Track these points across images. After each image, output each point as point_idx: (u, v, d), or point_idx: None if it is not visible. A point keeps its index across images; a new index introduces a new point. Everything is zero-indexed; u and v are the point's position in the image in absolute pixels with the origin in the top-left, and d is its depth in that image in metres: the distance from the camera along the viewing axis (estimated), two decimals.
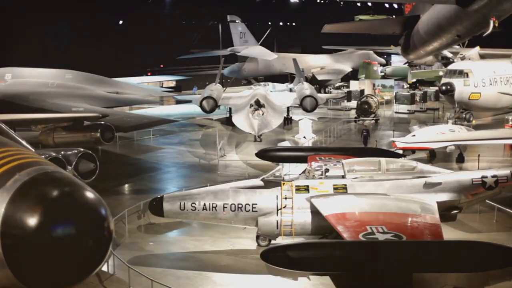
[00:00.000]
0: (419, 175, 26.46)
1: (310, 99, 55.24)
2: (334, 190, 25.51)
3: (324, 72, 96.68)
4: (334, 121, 64.23)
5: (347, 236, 21.70)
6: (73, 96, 53.07)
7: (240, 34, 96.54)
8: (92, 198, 9.76)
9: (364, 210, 23.77)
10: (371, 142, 50.79)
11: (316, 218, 24.72)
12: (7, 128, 19.32)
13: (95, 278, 23.04)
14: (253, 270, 24.28)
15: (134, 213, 31.67)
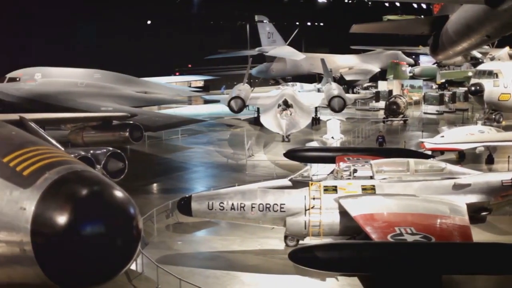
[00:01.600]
0: (448, 176, 26.25)
1: (338, 99, 55.03)
2: (363, 190, 25.40)
3: (352, 72, 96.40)
4: (362, 121, 64.04)
5: (376, 237, 21.60)
6: (102, 96, 53.41)
7: (268, 34, 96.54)
8: (121, 197, 9.77)
9: (392, 211, 23.64)
10: (400, 143, 50.50)
11: (344, 219, 24.61)
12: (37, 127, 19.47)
13: (124, 277, 23.16)
14: (281, 270, 24.24)
15: (163, 212, 31.78)
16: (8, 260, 9.74)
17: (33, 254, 9.38)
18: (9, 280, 10.11)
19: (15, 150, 10.61)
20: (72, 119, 39.62)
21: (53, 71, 57.87)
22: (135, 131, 38.10)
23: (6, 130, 11.82)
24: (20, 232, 9.46)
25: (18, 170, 10.08)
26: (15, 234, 9.52)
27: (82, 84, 56.01)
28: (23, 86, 55.48)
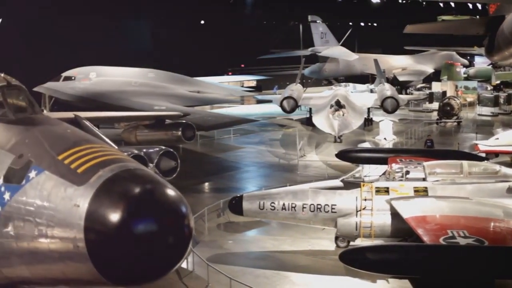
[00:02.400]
0: (503, 179, 25.83)
1: (391, 100, 54.63)
2: (415, 192, 25.16)
3: (406, 73, 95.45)
4: (415, 122, 63.43)
5: (427, 239, 21.36)
6: (156, 95, 53.84)
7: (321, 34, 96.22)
8: (173, 195, 9.84)
9: (445, 214, 23.37)
10: (454, 144, 49.91)
11: (396, 221, 24.40)
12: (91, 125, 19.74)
13: (175, 275, 23.31)
14: (331, 271, 24.15)
15: (214, 211, 31.92)
16: (62, 256, 9.89)
17: (86, 251, 9.51)
18: (63, 276, 10.27)
19: (69, 148, 10.77)
20: (126, 117, 40.05)
21: (107, 70, 58.52)
22: (188, 130, 38.30)
23: (61, 128, 11.99)
24: (74, 229, 9.60)
25: (73, 168, 10.22)
26: (69, 231, 9.67)
27: (136, 83, 56.53)
28: (78, 85, 56.22)
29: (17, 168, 10.69)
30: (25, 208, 10.27)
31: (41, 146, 10.99)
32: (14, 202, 10.42)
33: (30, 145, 11.11)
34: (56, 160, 10.48)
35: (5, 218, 10.49)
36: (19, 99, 12.86)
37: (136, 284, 10.00)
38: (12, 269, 10.81)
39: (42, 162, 10.52)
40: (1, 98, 12.47)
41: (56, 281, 10.62)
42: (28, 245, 10.26)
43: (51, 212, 9.93)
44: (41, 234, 10.03)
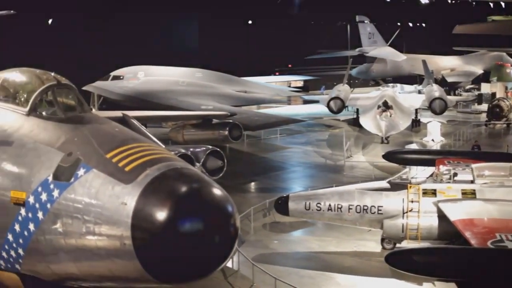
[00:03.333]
0: None
1: (439, 101, 54.10)
2: (463, 195, 24.85)
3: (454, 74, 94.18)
4: (464, 124, 62.66)
5: (475, 242, 21.11)
6: (203, 95, 54.04)
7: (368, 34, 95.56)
8: (220, 195, 9.90)
9: (493, 217, 23.05)
10: (503, 147, 49.22)
11: (443, 223, 24.15)
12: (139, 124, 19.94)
13: (220, 274, 23.36)
14: (377, 273, 24.01)
15: (260, 211, 31.93)
16: (108, 254, 10.00)
17: (133, 248, 9.61)
18: (110, 273, 10.38)
19: (118, 146, 10.90)
20: (173, 117, 40.28)
21: (155, 70, 58.88)
22: (235, 130, 38.35)
23: (109, 127, 12.13)
24: (121, 227, 9.71)
25: (120, 166, 10.34)
26: (116, 228, 9.78)
27: (183, 82, 56.79)
28: (127, 84, 56.70)
29: (66, 166, 10.83)
30: (73, 205, 10.41)
31: (89, 144, 11.13)
32: (62, 200, 10.56)
33: (79, 143, 11.26)
34: (104, 159, 10.60)
35: (54, 215, 10.64)
36: (69, 98, 13.03)
37: (182, 282, 10.07)
38: (60, 265, 10.96)
39: (90, 160, 10.66)
40: (51, 97, 12.66)
41: (102, 278, 10.75)
42: (76, 242, 10.40)
43: (99, 209, 10.06)
44: (89, 231, 10.16)
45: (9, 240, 11.52)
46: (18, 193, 11.34)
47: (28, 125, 12.29)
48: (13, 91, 13.54)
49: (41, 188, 10.95)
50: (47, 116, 12.40)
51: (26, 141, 11.87)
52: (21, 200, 11.24)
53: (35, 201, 10.98)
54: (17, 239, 11.35)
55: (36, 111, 12.59)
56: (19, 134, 12.14)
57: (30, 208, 11.06)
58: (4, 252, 11.77)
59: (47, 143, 11.53)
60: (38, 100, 12.68)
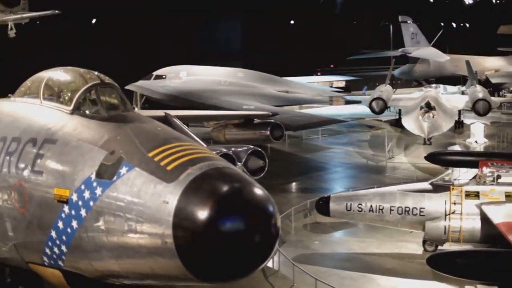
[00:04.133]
0: None
1: (483, 102, 53.49)
2: (506, 197, 24.54)
3: (499, 75, 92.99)
4: (508, 126, 61.84)
5: None
6: (245, 94, 54.16)
7: (411, 35, 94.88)
8: (261, 194, 9.90)
9: None
10: None
11: (486, 226, 23.87)
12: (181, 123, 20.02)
13: (260, 274, 23.40)
14: (418, 275, 23.83)
15: (301, 212, 31.90)
16: (150, 252, 10.06)
17: (174, 247, 9.65)
18: (151, 271, 10.45)
19: (160, 145, 10.96)
20: (215, 116, 40.37)
21: (197, 70, 59.16)
22: (276, 130, 38.24)
23: (151, 126, 12.20)
24: (163, 225, 9.76)
25: (162, 165, 10.39)
26: (158, 227, 9.83)
27: (225, 82, 56.97)
28: (169, 83, 57.06)
29: (108, 164, 10.93)
30: (115, 203, 10.49)
31: (132, 143, 11.21)
32: (105, 197, 10.65)
33: (122, 142, 11.34)
34: (147, 157, 10.67)
35: (97, 212, 10.74)
36: (112, 97, 13.14)
37: (222, 282, 10.09)
38: (102, 262, 11.05)
39: (133, 159, 10.73)
40: (95, 96, 12.78)
41: (144, 276, 10.82)
42: (117, 240, 10.48)
43: (141, 208, 10.12)
44: (131, 229, 10.24)
45: (52, 237, 11.65)
46: (61, 191, 11.48)
47: (72, 123, 12.42)
48: (57, 90, 13.71)
49: (84, 186, 11.07)
50: (90, 114, 12.53)
51: (70, 140, 12.00)
52: (64, 197, 11.37)
53: (78, 199, 11.09)
54: (60, 236, 11.48)
55: (79, 109, 12.72)
56: (63, 132, 12.28)
57: (73, 205, 11.18)
58: (47, 249, 11.91)
59: (90, 141, 11.65)
60: (81, 99, 12.82)
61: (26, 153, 12.58)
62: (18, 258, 13.28)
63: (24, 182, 12.37)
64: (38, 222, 12.03)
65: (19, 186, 12.47)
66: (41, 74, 14.40)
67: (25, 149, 12.66)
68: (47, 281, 13.23)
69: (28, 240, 12.59)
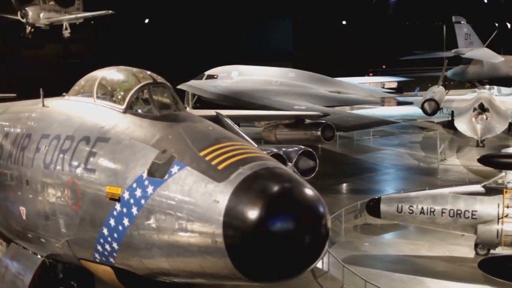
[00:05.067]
0: None
1: None
2: None
3: None
4: None
5: None
6: (296, 95, 54.08)
7: (465, 35, 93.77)
8: (311, 195, 9.86)
9: None
10: None
11: None
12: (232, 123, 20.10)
13: (310, 274, 23.39)
14: (469, 279, 23.54)
15: (351, 213, 31.81)
16: (200, 250, 10.10)
17: (224, 246, 9.68)
18: (200, 270, 10.48)
19: (211, 144, 10.99)
20: (266, 116, 40.43)
21: (249, 70, 59.32)
22: (327, 130, 38.12)
23: (203, 125, 12.25)
24: (213, 224, 9.79)
25: (213, 164, 10.43)
26: (208, 226, 9.86)
27: (276, 82, 57.01)
28: (221, 83, 57.34)
29: (160, 163, 10.99)
30: (166, 202, 10.55)
31: (183, 142, 11.26)
32: (156, 196, 10.72)
33: (173, 141, 11.40)
34: (198, 156, 10.71)
35: (148, 211, 10.81)
36: (164, 96, 13.23)
37: (272, 282, 10.08)
38: (153, 260, 11.13)
39: (184, 158, 10.78)
40: (147, 95, 12.88)
41: (193, 274, 10.86)
42: (168, 238, 10.54)
43: (191, 207, 10.16)
44: (181, 227, 10.29)
45: (104, 234, 11.79)
46: (113, 189, 11.60)
47: (125, 122, 12.54)
48: (110, 89, 13.87)
49: (136, 184, 11.16)
50: (142, 113, 12.63)
51: (122, 138, 12.11)
52: (116, 195, 11.48)
53: (130, 197, 11.19)
54: (112, 234, 11.60)
55: (132, 108, 12.83)
56: (116, 131, 12.41)
57: (125, 203, 11.28)
58: (99, 246, 12.05)
59: (143, 140, 11.74)
60: (134, 98, 12.92)
61: (79, 151, 12.75)
62: (71, 255, 13.47)
63: (77, 180, 12.53)
64: (91, 219, 12.19)
65: (72, 183, 12.64)
66: (94, 73, 14.58)
67: (78, 147, 12.83)
68: (99, 277, 13.39)
69: (80, 237, 12.77)
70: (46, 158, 13.67)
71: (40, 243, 14.53)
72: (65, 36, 70.64)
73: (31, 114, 15.89)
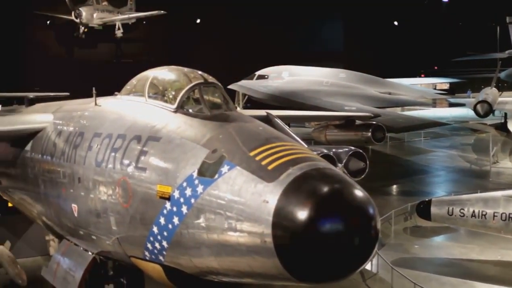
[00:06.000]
0: None
1: None
2: None
3: None
4: None
5: None
6: (346, 95, 53.84)
7: None
8: (361, 196, 9.83)
9: None
10: None
11: None
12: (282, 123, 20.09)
13: (359, 276, 23.32)
14: None
15: (401, 215, 31.60)
16: (249, 250, 10.12)
17: (273, 246, 9.68)
18: (249, 269, 10.51)
19: (261, 145, 11.01)
20: (316, 117, 40.35)
21: (300, 70, 59.24)
22: (378, 131, 37.91)
23: (254, 126, 12.27)
24: (262, 224, 9.80)
25: (263, 164, 10.44)
26: (257, 226, 9.88)
27: (327, 83, 56.81)
28: (271, 83, 57.37)
29: (210, 163, 11.05)
30: (216, 201, 10.60)
31: (234, 142, 11.31)
32: (206, 195, 10.77)
33: (224, 140, 11.45)
34: (248, 156, 10.74)
35: (198, 210, 10.87)
36: (215, 96, 13.31)
37: (320, 283, 10.06)
38: (202, 259, 11.19)
39: (234, 158, 10.82)
40: (198, 95, 12.96)
41: (242, 274, 10.90)
42: (217, 237, 10.58)
43: (241, 206, 10.20)
44: (231, 227, 10.33)
45: (154, 232, 11.89)
46: (164, 188, 11.69)
47: (176, 121, 12.64)
48: (162, 88, 14.00)
49: (186, 184, 11.23)
50: (193, 113, 12.71)
51: (173, 137, 12.20)
52: (166, 194, 11.58)
53: (180, 196, 11.27)
54: (162, 232, 11.70)
55: (183, 108, 12.93)
56: (167, 130, 12.51)
57: (175, 202, 11.37)
58: (149, 244, 12.17)
59: (193, 139, 11.82)
60: (185, 98, 13.01)
61: (130, 150, 12.89)
62: (121, 252, 13.62)
63: (128, 178, 12.67)
64: (141, 218, 12.31)
65: (123, 181, 12.78)
66: (146, 73, 14.72)
67: (130, 146, 12.96)
68: (148, 275, 13.51)
69: (130, 235, 12.90)
70: (98, 156, 13.85)
71: (91, 240, 14.73)
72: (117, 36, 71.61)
73: (83, 112, 16.12)
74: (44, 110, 19.83)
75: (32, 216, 20.32)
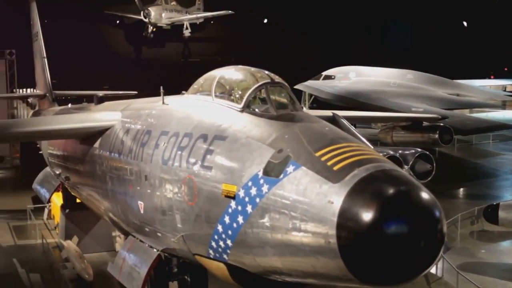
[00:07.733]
0: None
1: None
2: None
3: None
4: None
5: None
6: (413, 96, 53.33)
7: None
8: (427, 199, 9.73)
9: None
10: None
11: None
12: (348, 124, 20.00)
13: (423, 279, 23.08)
14: None
15: (468, 218, 31.16)
16: (313, 250, 10.12)
17: (337, 247, 9.66)
18: (312, 270, 10.50)
19: (327, 145, 11.00)
20: (383, 118, 40.07)
21: (366, 70, 59.00)
22: (445, 133, 37.43)
23: (320, 126, 12.25)
24: (326, 225, 9.79)
25: (329, 165, 10.42)
26: (322, 226, 9.87)
27: (394, 84, 56.40)
28: (338, 84, 57.27)
29: (276, 162, 11.08)
30: (281, 201, 10.62)
31: (299, 142, 11.31)
32: (271, 195, 10.80)
33: (290, 140, 11.47)
34: (313, 157, 10.73)
35: (262, 209, 10.91)
36: (281, 96, 13.33)
37: (384, 285, 9.99)
38: (266, 258, 11.23)
39: (299, 158, 10.83)
40: (265, 95, 13.00)
41: (305, 274, 10.89)
42: (281, 237, 10.60)
43: (306, 207, 10.20)
44: (295, 227, 10.33)
45: (219, 231, 11.99)
46: (229, 186, 11.78)
47: (242, 121, 12.71)
48: (228, 88, 14.09)
49: (251, 183, 11.30)
50: (260, 113, 12.77)
51: (239, 136, 12.28)
52: (231, 193, 11.66)
53: (245, 195, 11.33)
54: (226, 231, 11.79)
55: (249, 107, 13.00)
56: (233, 129, 12.60)
57: (240, 201, 11.44)
58: (213, 242, 12.27)
59: (259, 139, 11.88)
60: (252, 97, 13.08)
61: (197, 149, 13.01)
62: (186, 250, 13.76)
63: (194, 176, 12.79)
64: (206, 216, 12.42)
65: (189, 180, 12.91)
66: (213, 73, 14.83)
67: (196, 145, 13.09)
68: (212, 273, 13.61)
69: (195, 233, 13.02)
70: (164, 154, 14.02)
71: (157, 237, 14.91)
72: (185, 36, 72.26)
73: (151, 111, 16.33)
74: (112, 108, 20.15)
75: (99, 212, 20.70)
